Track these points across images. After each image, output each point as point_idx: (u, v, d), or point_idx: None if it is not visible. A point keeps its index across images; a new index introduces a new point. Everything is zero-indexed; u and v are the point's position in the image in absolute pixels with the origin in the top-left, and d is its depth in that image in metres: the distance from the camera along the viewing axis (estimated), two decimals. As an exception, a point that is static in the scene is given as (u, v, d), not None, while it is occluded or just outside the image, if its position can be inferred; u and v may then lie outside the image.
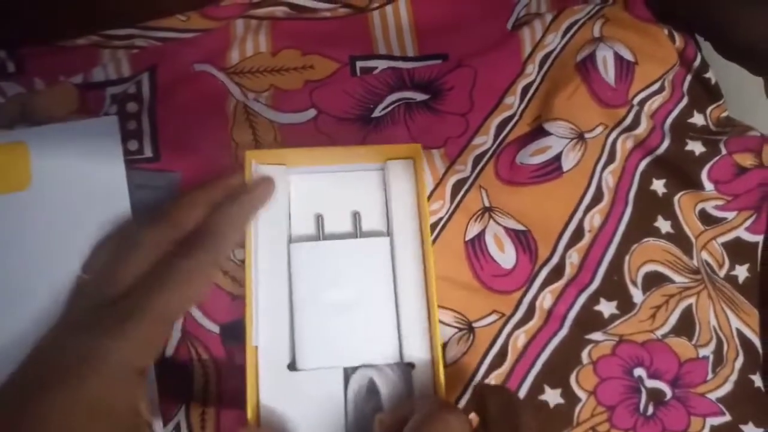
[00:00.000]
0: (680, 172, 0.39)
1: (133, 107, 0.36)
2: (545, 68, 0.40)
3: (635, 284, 0.37)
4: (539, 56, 0.40)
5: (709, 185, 0.39)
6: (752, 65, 0.40)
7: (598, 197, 0.38)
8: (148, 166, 0.35)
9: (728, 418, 0.36)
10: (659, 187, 0.39)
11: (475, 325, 0.35)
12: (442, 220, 0.36)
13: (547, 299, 0.36)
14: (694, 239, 0.38)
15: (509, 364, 0.35)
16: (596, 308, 0.36)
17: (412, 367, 0.31)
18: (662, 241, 0.38)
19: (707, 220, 0.39)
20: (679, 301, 0.37)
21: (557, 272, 0.36)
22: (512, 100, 0.39)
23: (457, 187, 0.37)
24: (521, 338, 0.35)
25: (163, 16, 0.37)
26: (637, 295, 0.37)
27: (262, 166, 0.33)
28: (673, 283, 0.37)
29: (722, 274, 0.39)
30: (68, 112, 0.36)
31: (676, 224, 0.38)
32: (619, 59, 0.39)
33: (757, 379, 0.37)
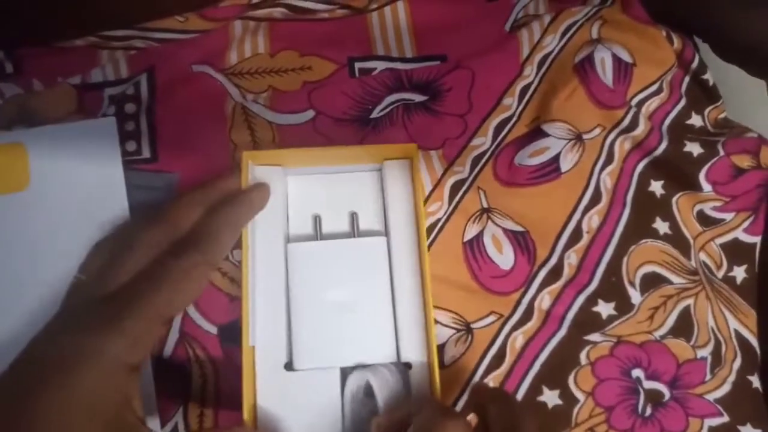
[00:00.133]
0: (678, 173, 0.39)
1: (131, 108, 0.36)
2: (543, 69, 0.40)
3: (633, 285, 0.37)
4: (537, 58, 0.40)
5: (707, 186, 0.39)
6: (751, 67, 0.40)
7: (596, 198, 0.38)
8: (146, 167, 0.35)
9: (726, 419, 0.36)
10: (657, 188, 0.39)
11: (473, 326, 0.35)
12: (440, 221, 0.36)
13: (545, 300, 0.36)
14: (692, 240, 0.38)
15: (507, 365, 0.35)
16: (594, 309, 0.36)
17: (408, 367, 0.31)
18: (660, 242, 0.38)
19: (705, 221, 0.39)
20: (677, 302, 0.37)
21: (555, 273, 0.36)
22: (510, 101, 0.39)
23: (455, 188, 0.37)
24: (519, 339, 0.35)
25: (161, 17, 0.37)
26: (635, 296, 0.37)
27: (259, 167, 0.33)
28: (671, 284, 0.37)
29: (720, 275, 0.39)
30: (66, 113, 0.36)
31: (674, 225, 0.38)
32: (617, 61, 0.39)
33: (755, 380, 0.37)
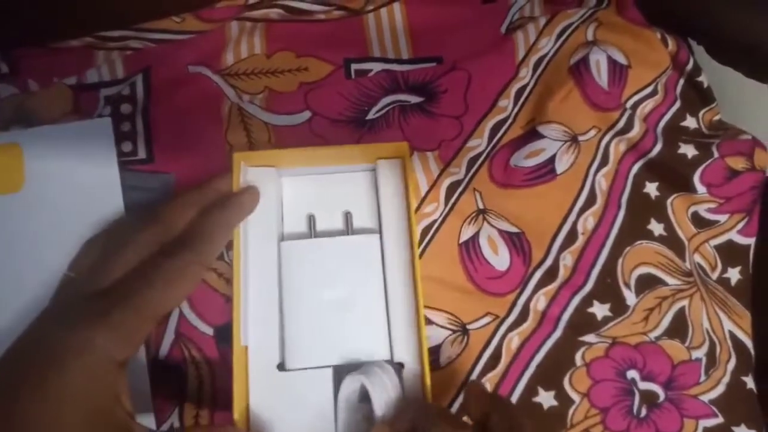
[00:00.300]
0: (673, 175, 0.39)
1: (127, 109, 0.36)
2: (539, 71, 0.40)
3: (628, 286, 0.37)
4: (533, 59, 0.40)
5: (701, 188, 0.39)
6: (747, 68, 0.40)
7: (591, 200, 0.38)
8: (141, 167, 0.35)
9: (721, 420, 0.36)
10: (652, 190, 0.39)
11: (469, 327, 0.35)
12: (436, 222, 0.36)
13: (540, 301, 0.36)
14: (686, 242, 0.39)
15: (503, 366, 0.35)
16: (590, 310, 0.36)
17: (401, 366, 0.31)
18: (655, 243, 0.38)
19: (700, 222, 0.39)
20: (672, 303, 0.37)
21: (551, 274, 0.36)
22: (506, 103, 0.39)
23: (451, 189, 0.37)
24: (515, 340, 0.35)
25: (157, 17, 0.37)
26: (630, 297, 0.37)
27: (252, 168, 0.33)
28: (666, 285, 0.37)
29: (715, 276, 0.39)
30: (62, 113, 0.36)
31: (668, 227, 0.38)
32: (612, 63, 0.40)
33: (749, 381, 0.37)
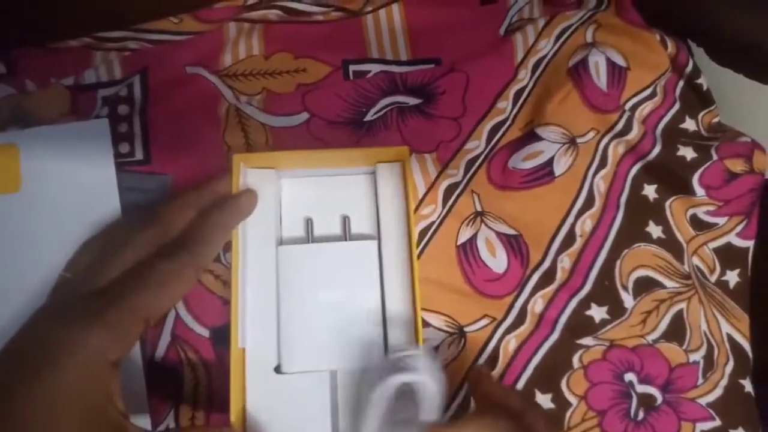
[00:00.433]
0: (671, 177, 0.39)
1: (124, 109, 0.36)
2: (537, 73, 0.40)
3: (626, 289, 0.37)
4: (532, 61, 0.40)
5: (700, 191, 0.39)
6: (747, 69, 0.39)
7: (589, 202, 0.38)
8: (139, 168, 0.35)
9: (718, 423, 0.36)
10: (650, 192, 0.39)
11: (466, 329, 0.35)
12: (433, 224, 0.36)
13: (538, 304, 0.36)
14: (685, 244, 0.38)
15: (500, 368, 0.35)
16: (587, 313, 0.36)
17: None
18: (653, 246, 0.38)
19: (698, 225, 0.39)
20: (669, 306, 0.37)
21: (548, 277, 0.36)
22: (505, 104, 0.39)
23: (449, 191, 0.37)
24: (512, 343, 0.35)
25: (155, 18, 0.37)
26: (627, 300, 0.37)
27: (251, 170, 0.33)
28: (664, 288, 0.37)
29: (713, 279, 0.39)
30: (59, 114, 0.36)
31: (667, 229, 0.38)
32: (611, 65, 0.39)
33: (747, 384, 0.37)
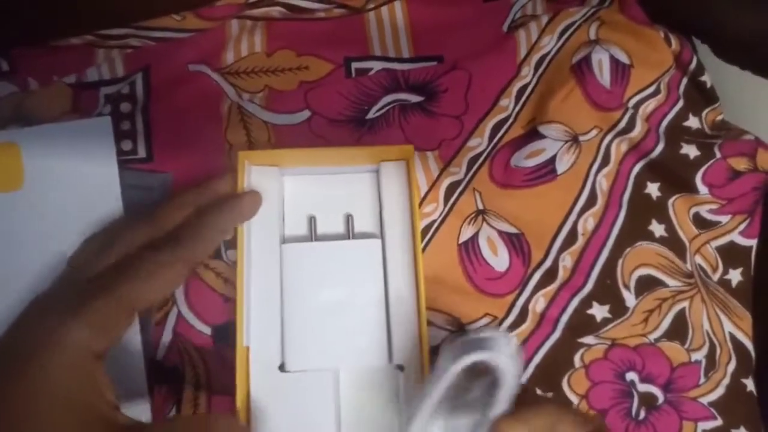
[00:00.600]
0: (674, 175, 0.39)
1: (126, 107, 0.36)
2: (540, 70, 0.40)
3: (628, 288, 0.37)
4: (535, 58, 0.40)
5: (703, 189, 0.39)
6: (753, 66, 0.39)
7: (591, 200, 0.38)
8: (141, 166, 0.35)
9: (720, 422, 0.36)
10: (653, 190, 0.39)
11: (467, 328, 0.35)
12: (435, 222, 0.36)
13: (539, 302, 0.36)
14: (687, 243, 0.38)
15: (501, 367, 0.35)
16: (589, 312, 0.36)
17: (401, 369, 0.31)
18: (656, 244, 0.38)
19: (701, 223, 0.39)
20: (672, 305, 0.37)
21: (550, 275, 0.36)
22: (507, 102, 0.39)
23: (450, 189, 0.36)
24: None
25: (158, 15, 0.37)
26: (629, 298, 0.37)
27: (254, 167, 0.33)
28: (666, 287, 0.37)
29: (716, 278, 0.39)
30: (62, 112, 0.36)
31: (670, 228, 0.38)
32: (614, 62, 0.39)
33: (749, 383, 0.37)
